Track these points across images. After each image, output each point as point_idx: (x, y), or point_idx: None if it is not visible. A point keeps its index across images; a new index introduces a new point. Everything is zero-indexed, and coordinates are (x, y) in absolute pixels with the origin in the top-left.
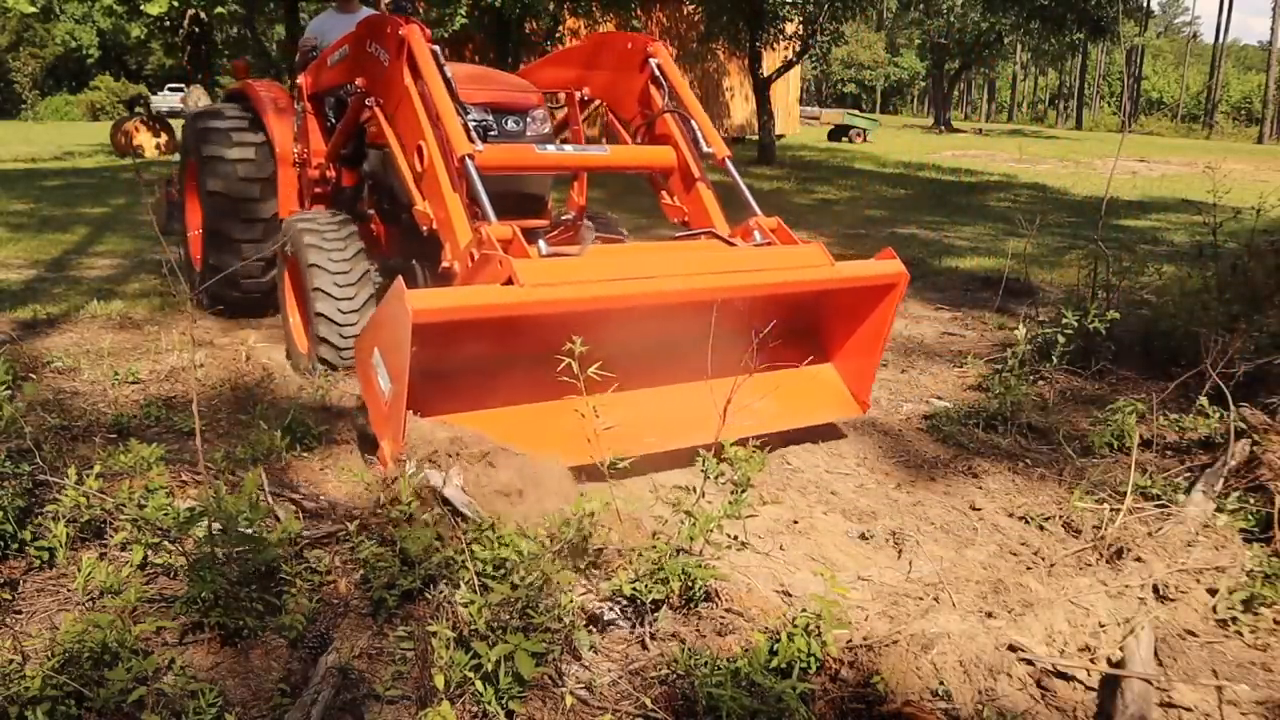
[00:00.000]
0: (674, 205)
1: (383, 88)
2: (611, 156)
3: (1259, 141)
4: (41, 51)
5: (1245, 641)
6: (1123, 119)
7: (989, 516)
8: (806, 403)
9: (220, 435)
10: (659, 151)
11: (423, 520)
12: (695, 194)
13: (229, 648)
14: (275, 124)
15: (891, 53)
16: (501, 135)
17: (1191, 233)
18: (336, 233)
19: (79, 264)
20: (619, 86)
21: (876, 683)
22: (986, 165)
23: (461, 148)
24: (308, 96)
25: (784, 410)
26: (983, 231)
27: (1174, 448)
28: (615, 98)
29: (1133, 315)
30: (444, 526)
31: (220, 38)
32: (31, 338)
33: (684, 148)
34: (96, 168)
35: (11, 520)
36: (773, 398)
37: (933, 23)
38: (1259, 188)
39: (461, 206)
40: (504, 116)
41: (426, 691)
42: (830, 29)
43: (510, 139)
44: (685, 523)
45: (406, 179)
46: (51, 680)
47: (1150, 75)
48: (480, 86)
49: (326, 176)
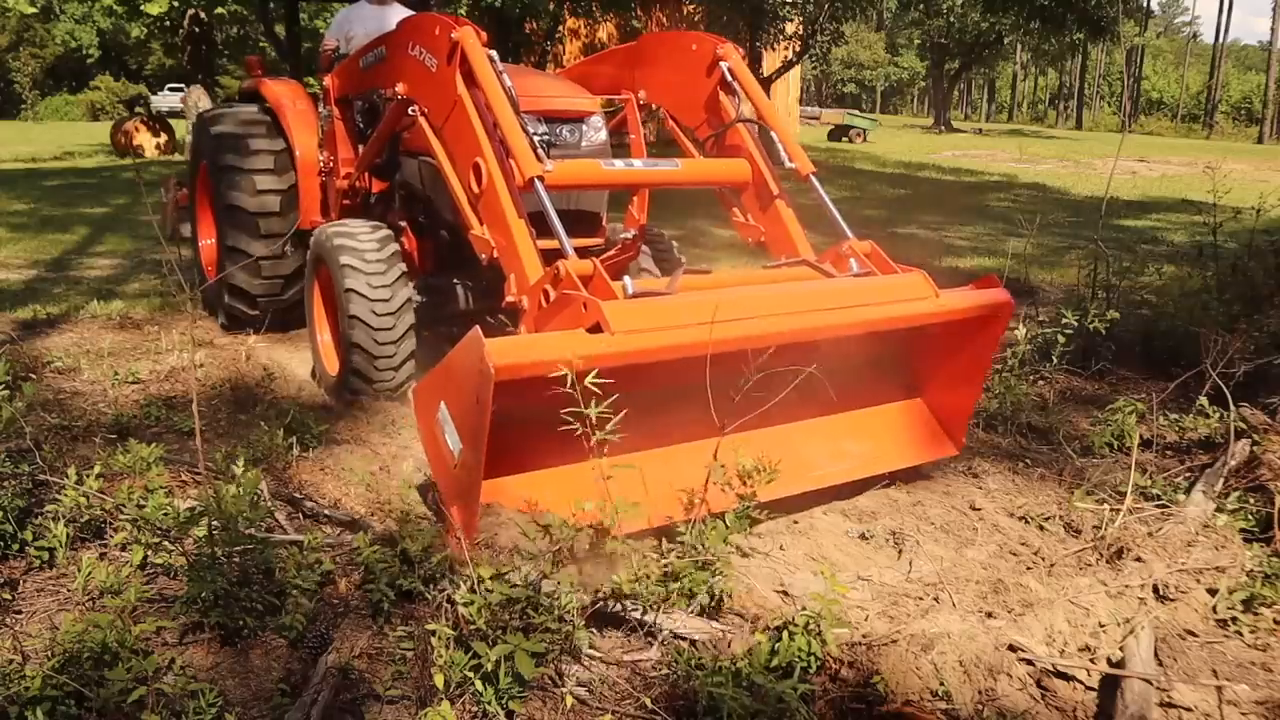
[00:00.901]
0: (748, 224)
1: (430, 96)
2: (684, 172)
3: (1259, 141)
4: (41, 51)
5: (1245, 641)
6: (1123, 119)
7: (989, 516)
8: (898, 443)
9: (220, 435)
10: (734, 165)
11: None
12: (774, 212)
13: (229, 648)
14: (295, 126)
15: (891, 53)
16: (556, 146)
17: (1191, 233)
18: (378, 253)
19: (79, 264)
20: (683, 91)
21: (876, 683)
22: (986, 165)
23: (530, 169)
24: (335, 100)
25: (877, 452)
26: (983, 231)
27: (1174, 448)
28: (678, 103)
29: (1133, 315)
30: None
31: (220, 38)
32: (31, 338)
33: (760, 161)
34: (96, 168)
35: (11, 520)
36: (863, 438)
37: (933, 23)
38: (1259, 188)
39: (529, 235)
40: (558, 126)
41: (426, 691)
42: (830, 29)
43: (565, 150)
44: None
45: (460, 200)
46: (51, 680)
47: (1150, 75)
48: (534, 93)
49: (357, 187)
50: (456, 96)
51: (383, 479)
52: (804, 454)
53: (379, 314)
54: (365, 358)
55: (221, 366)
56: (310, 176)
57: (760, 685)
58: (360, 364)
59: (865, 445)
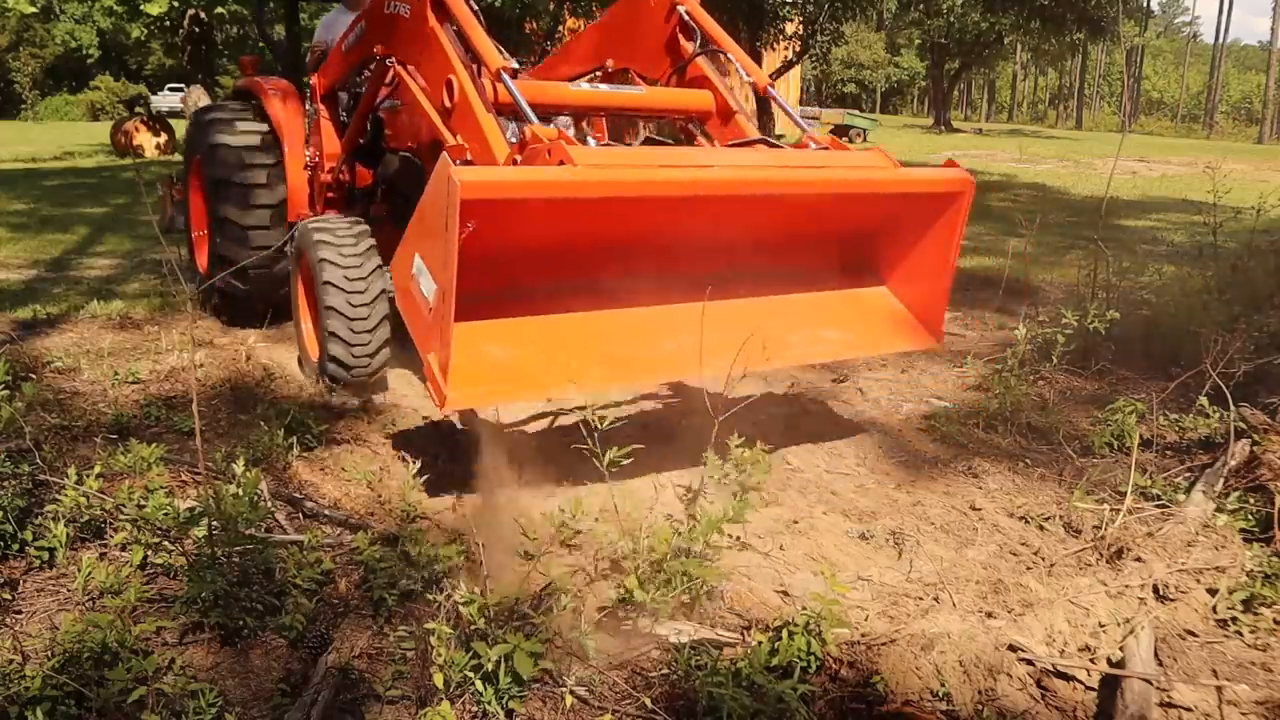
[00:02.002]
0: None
1: (407, 41)
2: (648, 97)
3: (1259, 141)
4: (41, 51)
5: (1245, 641)
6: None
7: (989, 516)
8: (874, 332)
9: (220, 435)
10: (696, 94)
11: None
12: (735, 125)
13: (229, 648)
14: (281, 113)
15: (891, 53)
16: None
17: (1191, 233)
18: (354, 247)
19: (79, 264)
20: (645, 46)
21: (876, 683)
22: (986, 165)
23: (496, 62)
24: (320, 97)
25: (854, 338)
26: (983, 231)
27: (1174, 448)
28: (643, 60)
29: (1133, 315)
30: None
31: (220, 38)
32: (31, 338)
33: (723, 92)
34: (96, 168)
35: (11, 520)
36: (840, 324)
37: (933, 23)
38: (1259, 188)
39: (498, 128)
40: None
41: (426, 691)
42: (830, 29)
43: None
44: (688, 524)
45: (437, 122)
46: (51, 680)
47: (1150, 75)
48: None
49: (340, 180)
50: (429, 29)
51: (383, 479)
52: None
53: (355, 305)
54: (342, 346)
55: (221, 366)
56: (298, 172)
57: (760, 685)
58: (337, 352)
59: (844, 333)
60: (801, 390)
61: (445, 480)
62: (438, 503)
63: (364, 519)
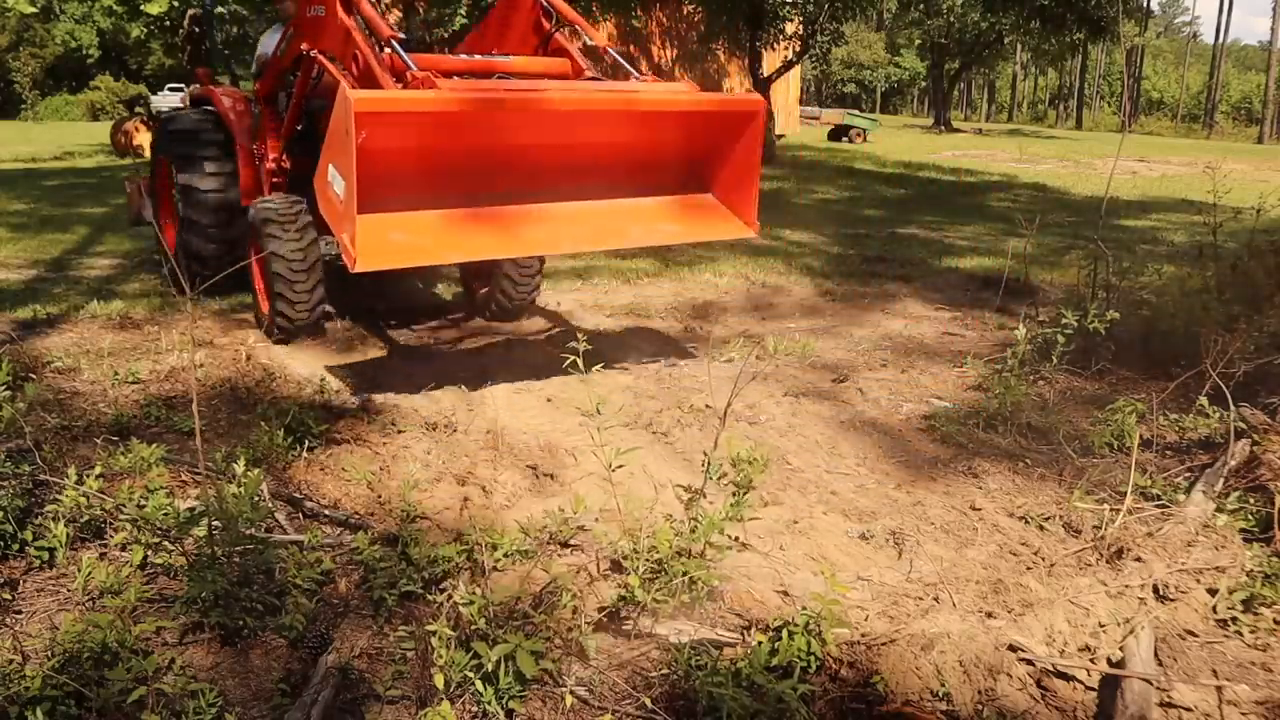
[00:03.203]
0: None
1: (325, 35)
2: (515, 62)
3: (1259, 141)
4: (41, 51)
5: (1245, 641)
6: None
7: (989, 516)
8: (701, 224)
9: (220, 435)
10: (557, 61)
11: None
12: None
13: (229, 648)
14: (236, 124)
15: (891, 53)
16: None
17: (1191, 233)
18: (294, 222)
19: (79, 264)
20: (517, 33)
21: (876, 683)
22: (986, 165)
23: (386, 33)
24: (262, 99)
25: (684, 229)
26: (983, 231)
27: (1174, 448)
28: (516, 43)
29: (1133, 315)
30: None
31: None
32: (31, 338)
33: (580, 59)
34: (96, 168)
35: (11, 520)
36: (673, 220)
37: (933, 22)
38: (1259, 188)
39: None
40: None
41: (426, 691)
42: (830, 29)
43: None
44: (687, 525)
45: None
46: (51, 680)
47: (1150, 75)
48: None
49: (283, 166)
50: (340, 21)
51: (383, 479)
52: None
53: (295, 270)
54: (286, 303)
55: (221, 366)
56: (248, 164)
57: (760, 685)
58: (283, 308)
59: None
60: (802, 390)
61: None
62: (438, 503)
63: (364, 519)
